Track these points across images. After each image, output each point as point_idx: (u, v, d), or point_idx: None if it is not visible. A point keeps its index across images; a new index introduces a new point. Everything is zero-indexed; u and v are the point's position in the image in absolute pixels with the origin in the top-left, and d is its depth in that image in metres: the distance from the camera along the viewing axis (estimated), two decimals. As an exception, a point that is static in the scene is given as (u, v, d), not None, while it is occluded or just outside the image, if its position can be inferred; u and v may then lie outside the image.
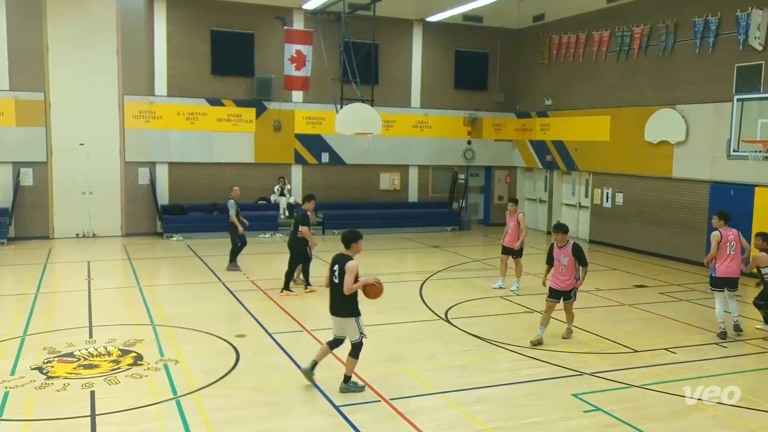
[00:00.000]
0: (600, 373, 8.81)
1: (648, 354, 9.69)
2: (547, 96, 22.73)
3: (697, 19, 17.03)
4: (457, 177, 23.86)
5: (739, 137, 13.61)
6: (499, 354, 9.60)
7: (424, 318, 11.61)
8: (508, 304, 12.70)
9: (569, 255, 9.88)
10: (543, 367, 9.04)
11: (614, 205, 20.14)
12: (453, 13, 21.48)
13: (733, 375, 8.82)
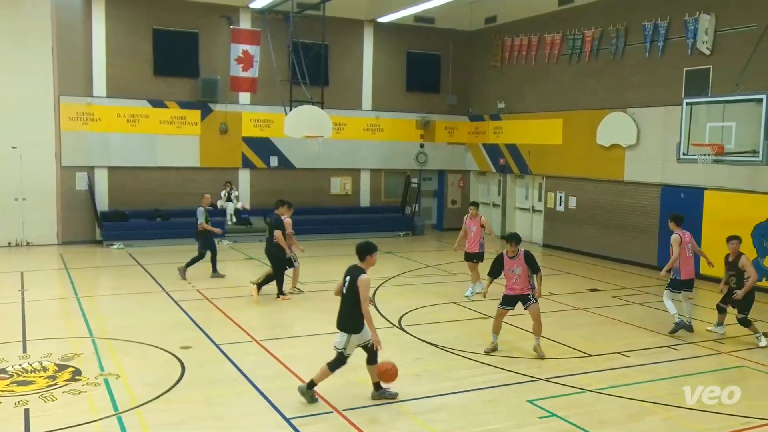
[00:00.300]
0: (555, 378, 8.97)
1: (602, 358, 9.90)
2: (500, 99, 23.07)
3: (646, 23, 17.54)
4: (410, 181, 23.98)
5: (689, 141, 14.04)
6: (455, 361, 9.67)
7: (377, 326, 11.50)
8: (463, 310, 12.82)
9: (522, 264, 9.83)
10: (498, 374, 9.15)
11: (567, 208, 20.55)
12: (404, 14, 21.63)
13: (685, 377, 9.08)
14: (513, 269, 9.93)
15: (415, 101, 23.90)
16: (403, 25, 23.10)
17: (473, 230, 14.03)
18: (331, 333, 11.09)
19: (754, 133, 12.73)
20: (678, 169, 16.07)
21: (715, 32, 15.93)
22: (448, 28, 23.91)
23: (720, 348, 10.60)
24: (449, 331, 11.37)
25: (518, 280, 9.89)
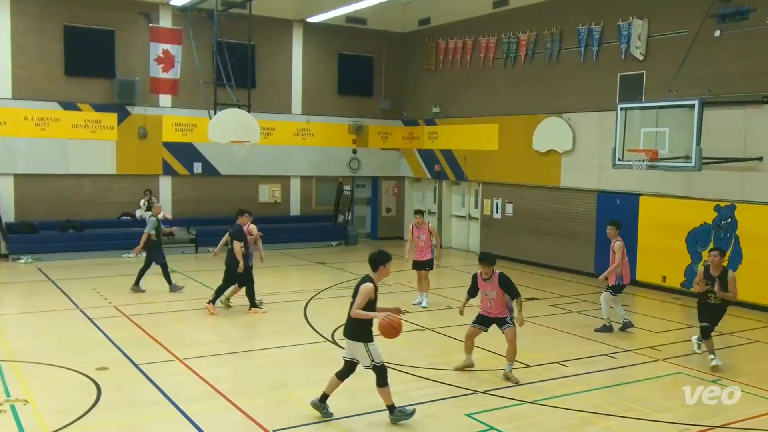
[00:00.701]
0: (494, 390, 9.09)
1: (541, 368, 10.10)
2: (434, 103, 23.35)
3: (581, 27, 18.09)
4: (343, 188, 23.97)
5: (624, 146, 14.53)
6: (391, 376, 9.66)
7: (309, 341, 11.54)
8: (399, 322, 12.84)
9: (496, 287, 9.36)
10: (436, 388, 9.21)
11: (504, 216, 20.94)
12: (335, 14, 21.66)
13: (623, 386, 9.36)
14: (487, 292, 9.50)
15: (347, 105, 23.93)
16: (334, 25, 23.13)
17: (422, 239, 14.13)
18: (260, 349, 11.00)
19: (687, 139, 13.26)
20: (614, 174, 16.59)
21: (648, 37, 16.57)
22: (380, 30, 24.07)
23: (656, 355, 10.97)
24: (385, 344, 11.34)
25: (493, 304, 9.47)
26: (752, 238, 14.37)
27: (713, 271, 10.34)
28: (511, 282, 9.42)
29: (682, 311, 14.54)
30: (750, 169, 14.38)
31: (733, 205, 14.76)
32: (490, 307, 9.52)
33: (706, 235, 15.25)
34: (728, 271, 10.37)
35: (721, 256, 10.42)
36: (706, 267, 10.51)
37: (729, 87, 14.66)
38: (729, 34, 14.48)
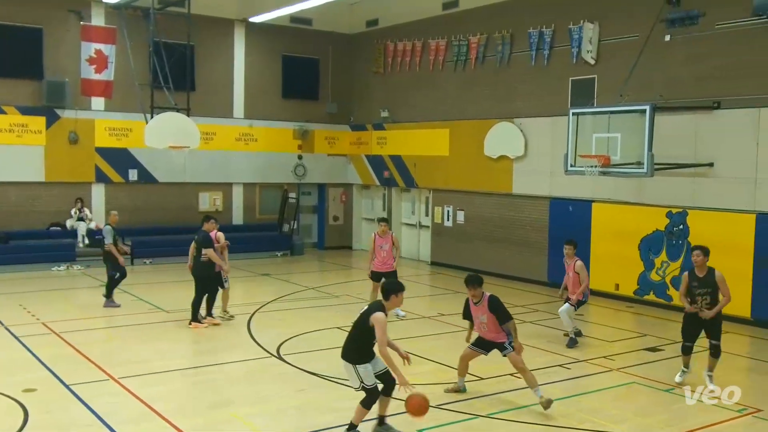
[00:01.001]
0: (446, 404, 9.13)
1: (494, 381, 10.20)
2: (383, 107, 23.44)
3: (532, 31, 18.42)
4: (288, 196, 23.85)
5: (576, 152, 14.82)
6: (339, 391, 9.65)
7: (253, 356, 11.43)
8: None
9: (486, 311, 9.11)
10: (386, 403, 9.20)
11: (455, 223, 21.11)
12: (279, 14, 21.58)
13: (577, 397, 9.51)
14: (478, 317, 9.24)
15: (292, 109, 23.84)
16: (278, 26, 23.05)
17: (385, 248, 14.12)
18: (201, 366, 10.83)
19: (638, 145, 13.59)
20: (566, 181, 16.91)
21: (599, 41, 16.97)
22: (326, 31, 24.07)
23: (611, 365, 11.19)
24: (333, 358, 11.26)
25: (486, 328, 9.24)
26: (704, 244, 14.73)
27: (698, 272, 9.90)
28: (502, 305, 9.16)
29: (635, 320, 14.88)
30: (701, 175, 14.83)
31: (685, 211, 15.19)
32: (485, 332, 9.29)
33: (658, 242, 15.65)
34: (715, 271, 9.86)
35: (705, 255, 9.87)
36: (690, 271, 10.05)
37: (680, 92, 15.11)
38: (679, 39, 14.93)
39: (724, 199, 14.55)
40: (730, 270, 14.07)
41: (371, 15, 23.54)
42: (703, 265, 9.90)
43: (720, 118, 14.63)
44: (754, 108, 14.08)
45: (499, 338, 9.19)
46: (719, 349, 10.01)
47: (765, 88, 13.95)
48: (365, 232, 25.21)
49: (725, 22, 14.43)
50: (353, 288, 18.08)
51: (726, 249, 14.21)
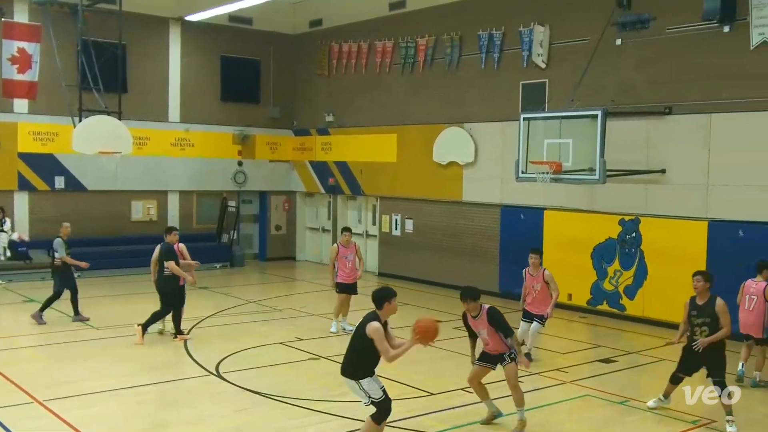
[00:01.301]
0: (395, 422, 9.14)
1: (444, 396, 10.27)
2: (328, 111, 23.44)
3: (481, 33, 18.67)
4: (227, 204, 23.64)
5: (527, 158, 15.05)
6: (282, 410, 9.59)
7: (190, 375, 11.29)
8: (291, 351, 12.78)
9: (486, 325, 8.94)
10: (332, 422, 9.19)
11: (404, 232, 21.21)
12: (217, 13, 21.43)
13: (531, 411, 9.62)
14: (479, 331, 9.05)
15: (231, 113, 23.67)
16: (217, 25, 22.88)
17: (350, 259, 14.11)
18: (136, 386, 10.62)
19: (591, 151, 13.89)
20: (517, 188, 17.14)
21: (550, 45, 17.30)
22: (268, 31, 23.99)
23: (564, 377, 11.38)
24: (276, 376, 11.28)
25: (488, 343, 9.08)
26: (657, 252, 15.18)
27: (698, 299, 9.34)
28: (502, 317, 9.00)
29: (588, 330, 15.16)
30: (653, 182, 15.22)
31: (638, 218, 15.56)
32: (488, 347, 9.12)
33: (611, 250, 15.99)
34: (717, 299, 9.25)
35: (706, 281, 9.28)
36: (690, 298, 9.51)
37: (631, 97, 15.49)
38: (630, 43, 15.33)
39: (676, 206, 14.95)
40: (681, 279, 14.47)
41: (315, 15, 23.54)
42: (704, 291, 9.29)
43: (671, 124, 15.05)
44: (705, 114, 14.52)
45: (502, 350, 9.01)
46: (723, 384, 9.11)
47: (715, 93, 14.42)
48: (309, 242, 25.16)
49: (676, 27, 14.87)
50: (297, 301, 18.00)
51: (678, 257, 14.62)
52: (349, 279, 14.11)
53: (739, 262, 13.42)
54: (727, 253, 13.74)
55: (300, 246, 25.32)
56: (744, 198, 13.94)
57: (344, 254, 14.15)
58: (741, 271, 13.18)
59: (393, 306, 7.76)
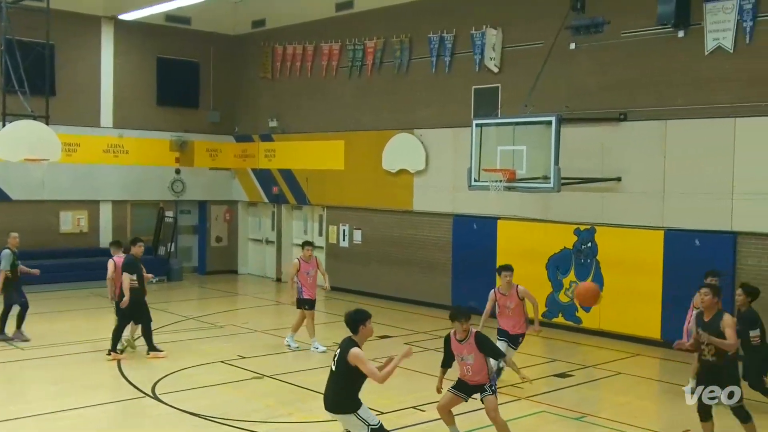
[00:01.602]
0: (343, 443, 9.12)
1: (395, 415, 10.26)
2: (271, 116, 23.34)
3: (432, 35, 18.82)
4: (164, 215, 23.37)
5: (480, 166, 15.18)
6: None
7: (124, 396, 11.14)
8: (233, 370, 12.66)
9: (474, 350, 8.77)
10: (277, 444, 9.12)
11: (352, 244, 21.20)
12: (152, 12, 21.17)
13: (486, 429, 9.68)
14: (463, 356, 8.86)
15: (168, 117, 23.43)
16: (152, 24, 22.64)
17: (312, 274, 14.14)
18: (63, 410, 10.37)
19: (545, 158, 14.09)
20: (470, 197, 17.25)
21: (503, 48, 17.52)
22: (207, 31, 23.83)
23: (519, 393, 11.48)
24: (217, 396, 11.15)
25: (471, 371, 8.89)
26: (613, 263, 15.45)
27: (705, 315, 8.76)
28: (490, 341, 8.94)
29: (543, 344, 15.32)
30: (609, 190, 15.50)
31: (593, 228, 15.83)
32: (468, 375, 8.91)
33: (566, 260, 16.22)
34: (724, 314, 8.68)
35: (714, 294, 8.72)
36: (698, 313, 9.03)
37: (586, 103, 15.78)
38: (584, 48, 15.62)
39: (632, 214, 15.24)
40: (638, 290, 14.84)
41: (257, 14, 23.45)
42: (711, 306, 8.70)
43: (627, 131, 15.36)
44: (660, 120, 14.86)
45: (484, 380, 8.90)
46: (742, 411, 8.68)
47: (670, 99, 14.78)
48: (252, 255, 24.98)
49: (630, 31, 15.21)
50: (239, 317, 17.85)
51: (635, 267, 14.92)
52: (311, 295, 14.15)
53: (695, 272, 13.76)
54: (684, 263, 14.06)
55: (242, 258, 25.12)
56: (700, 206, 14.28)
57: (306, 269, 14.17)
58: (698, 281, 13.52)
59: (369, 329, 7.75)
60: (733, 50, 13.91)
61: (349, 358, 7.47)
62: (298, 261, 14.34)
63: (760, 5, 13.59)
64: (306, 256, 14.28)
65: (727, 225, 13.97)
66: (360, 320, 7.69)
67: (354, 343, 7.62)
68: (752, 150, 13.65)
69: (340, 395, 7.65)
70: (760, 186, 13.51)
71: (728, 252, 13.87)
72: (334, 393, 7.69)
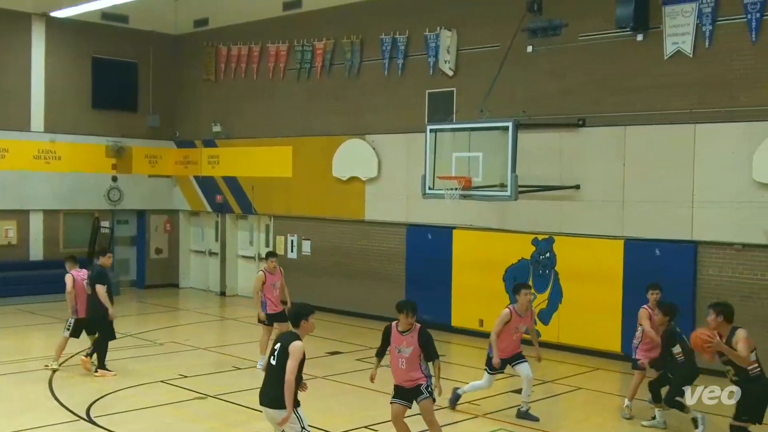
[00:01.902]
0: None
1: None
2: (215, 121, 23.21)
3: (384, 37, 18.91)
4: (100, 225, 23.05)
5: (434, 173, 15.26)
6: (164, 457, 9.37)
7: (57, 420, 10.92)
8: (174, 390, 12.53)
9: (414, 343, 8.95)
10: (221, 468, 9.04)
11: (301, 255, 21.13)
12: (87, 9, 20.95)
13: None
14: (401, 348, 9.05)
15: (104, 121, 23.16)
16: (87, 22, 22.40)
17: (277, 286, 14.19)
18: (-11, 436, 10.16)
19: (502, 165, 14.21)
20: (424, 205, 17.32)
21: (458, 51, 17.67)
22: (146, 30, 23.64)
23: (476, 411, 11.55)
24: (157, 418, 11.02)
25: (404, 364, 9.02)
26: (572, 273, 15.66)
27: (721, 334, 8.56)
28: (432, 339, 9.09)
29: (501, 359, 15.42)
30: (567, 198, 15.71)
31: (552, 238, 16.02)
32: (401, 369, 9.07)
33: (524, 271, 16.38)
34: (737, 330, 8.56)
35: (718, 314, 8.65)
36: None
37: (544, 108, 15.99)
38: (542, 51, 15.84)
39: (591, 223, 15.48)
40: (598, 301, 15.05)
41: (200, 13, 23.31)
42: (721, 326, 8.60)
43: (585, 137, 15.60)
44: (619, 126, 15.13)
45: (417, 379, 9.03)
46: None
47: (629, 105, 15.05)
48: (195, 268, 24.75)
49: (588, 34, 15.47)
50: (180, 333, 17.65)
51: (594, 278, 15.15)
52: (277, 308, 14.14)
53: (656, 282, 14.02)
54: (644, 273, 14.28)
55: (183, 271, 24.87)
56: (660, 215, 14.56)
57: (272, 282, 14.19)
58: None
59: (311, 324, 7.95)
60: (693, 55, 14.24)
61: (291, 348, 7.66)
62: (263, 273, 14.31)
63: (720, 9, 13.94)
64: (271, 268, 14.29)
65: (687, 234, 14.27)
66: (303, 315, 7.91)
67: (296, 336, 7.82)
68: (712, 157, 13.98)
69: (281, 390, 7.66)
70: (721, 194, 13.84)
71: (689, 262, 14.17)
72: (274, 388, 7.74)
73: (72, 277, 13.71)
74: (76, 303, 13.57)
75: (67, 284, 13.70)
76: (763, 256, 13.51)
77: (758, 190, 13.42)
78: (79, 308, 13.61)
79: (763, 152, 13.28)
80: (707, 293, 13.53)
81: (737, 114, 13.75)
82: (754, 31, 13.52)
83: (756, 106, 13.54)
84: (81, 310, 13.61)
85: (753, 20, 13.50)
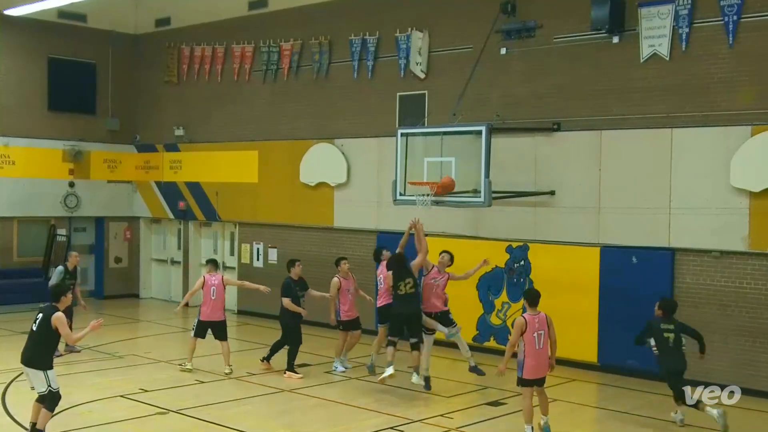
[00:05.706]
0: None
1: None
2: (177, 124, 23.09)
3: (353, 38, 18.93)
4: (56, 233, 22.86)
5: (406, 178, 15.27)
6: (123, 476, 9.29)
7: (10, 438, 10.74)
8: (135, 405, 12.43)
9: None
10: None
11: (267, 264, 21.06)
12: (42, 7, 20.76)
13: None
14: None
15: (61, 125, 22.97)
16: (43, 21, 22.19)
17: (352, 291, 14.78)
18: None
19: (475, 170, 14.23)
20: (395, 212, 17.32)
21: (430, 52, 17.73)
22: (105, 30, 23.50)
23: (449, 424, 11.57)
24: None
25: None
26: (547, 281, 15.67)
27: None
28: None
29: (475, 370, 15.47)
30: (542, 205, 15.81)
31: (526, 245, 16.10)
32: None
33: (498, 280, 16.44)
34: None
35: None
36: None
37: (518, 112, 16.07)
38: (516, 53, 15.95)
39: (567, 230, 15.56)
40: (574, 311, 15.12)
41: (161, 12, 23.20)
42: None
43: (560, 142, 15.70)
44: (595, 130, 15.25)
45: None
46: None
47: (605, 109, 15.17)
48: (156, 277, 24.59)
49: (563, 36, 15.58)
50: (141, 346, 17.51)
51: (570, 286, 15.22)
52: (352, 314, 14.66)
53: (632, 291, 14.15)
54: (621, 281, 14.43)
55: (145, 281, 24.69)
56: (637, 221, 14.68)
57: (347, 287, 14.66)
58: (635, 299, 13.91)
59: (69, 298, 10.51)
60: (669, 58, 14.38)
61: (53, 320, 9.94)
62: (338, 279, 14.80)
63: (696, 11, 14.09)
64: (344, 273, 14.78)
65: (664, 241, 14.40)
66: (62, 292, 10.42)
67: (56, 309, 10.12)
68: (689, 162, 14.11)
69: (37, 352, 10.03)
70: (698, 200, 13.98)
71: (666, 269, 14.28)
72: (31, 350, 10.08)
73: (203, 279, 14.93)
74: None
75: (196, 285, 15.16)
76: (740, 263, 13.65)
77: (736, 196, 13.56)
78: (203, 309, 14.70)
79: (741, 157, 13.45)
80: (685, 301, 13.64)
81: (714, 118, 13.90)
82: (731, 34, 13.67)
83: (733, 111, 13.70)
84: (206, 312, 14.64)
85: (730, 23, 13.66)
